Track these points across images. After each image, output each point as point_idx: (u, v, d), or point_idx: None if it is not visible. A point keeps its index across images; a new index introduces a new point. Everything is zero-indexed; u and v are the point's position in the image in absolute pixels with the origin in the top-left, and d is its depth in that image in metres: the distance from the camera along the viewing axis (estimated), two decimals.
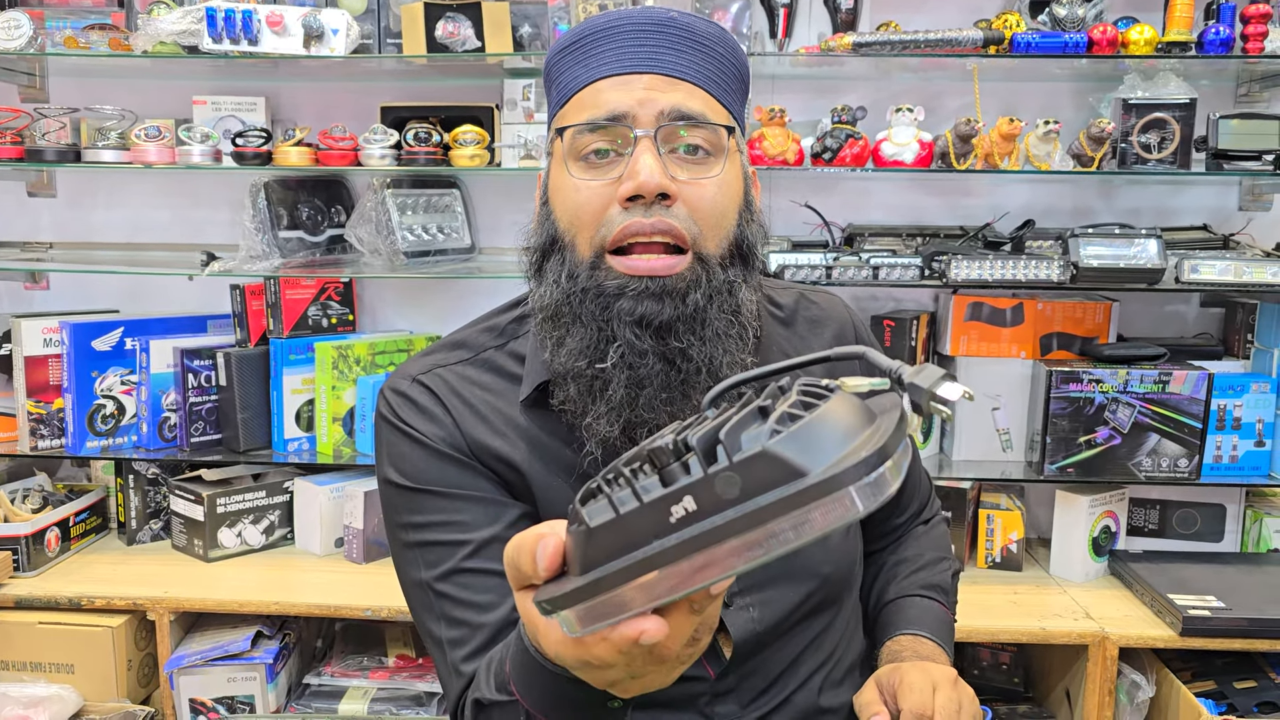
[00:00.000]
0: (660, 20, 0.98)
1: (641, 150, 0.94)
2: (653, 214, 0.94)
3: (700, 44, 0.99)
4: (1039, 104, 2.15)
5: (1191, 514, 2.12)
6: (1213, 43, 1.90)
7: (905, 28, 1.99)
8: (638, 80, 0.96)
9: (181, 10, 2.00)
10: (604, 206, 0.96)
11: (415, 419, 1.06)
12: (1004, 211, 2.17)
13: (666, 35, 0.98)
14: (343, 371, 2.15)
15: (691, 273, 0.95)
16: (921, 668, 1.06)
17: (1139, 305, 2.23)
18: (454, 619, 1.01)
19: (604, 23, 0.99)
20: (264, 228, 2.14)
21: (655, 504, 0.55)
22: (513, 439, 1.05)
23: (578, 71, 0.99)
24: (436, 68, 2.14)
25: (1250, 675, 1.85)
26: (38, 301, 2.37)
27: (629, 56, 0.97)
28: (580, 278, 0.97)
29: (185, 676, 1.87)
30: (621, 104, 0.95)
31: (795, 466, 0.51)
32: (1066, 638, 1.81)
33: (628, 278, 0.95)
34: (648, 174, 0.92)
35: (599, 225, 0.96)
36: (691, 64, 0.98)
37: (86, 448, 2.14)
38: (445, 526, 1.03)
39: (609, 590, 0.56)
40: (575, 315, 0.98)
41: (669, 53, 0.97)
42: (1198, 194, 2.22)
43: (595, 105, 0.97)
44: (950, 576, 1.28)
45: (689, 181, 0.96)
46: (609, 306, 0.95)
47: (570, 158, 0.98)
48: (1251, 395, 2.01)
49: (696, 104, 0.97)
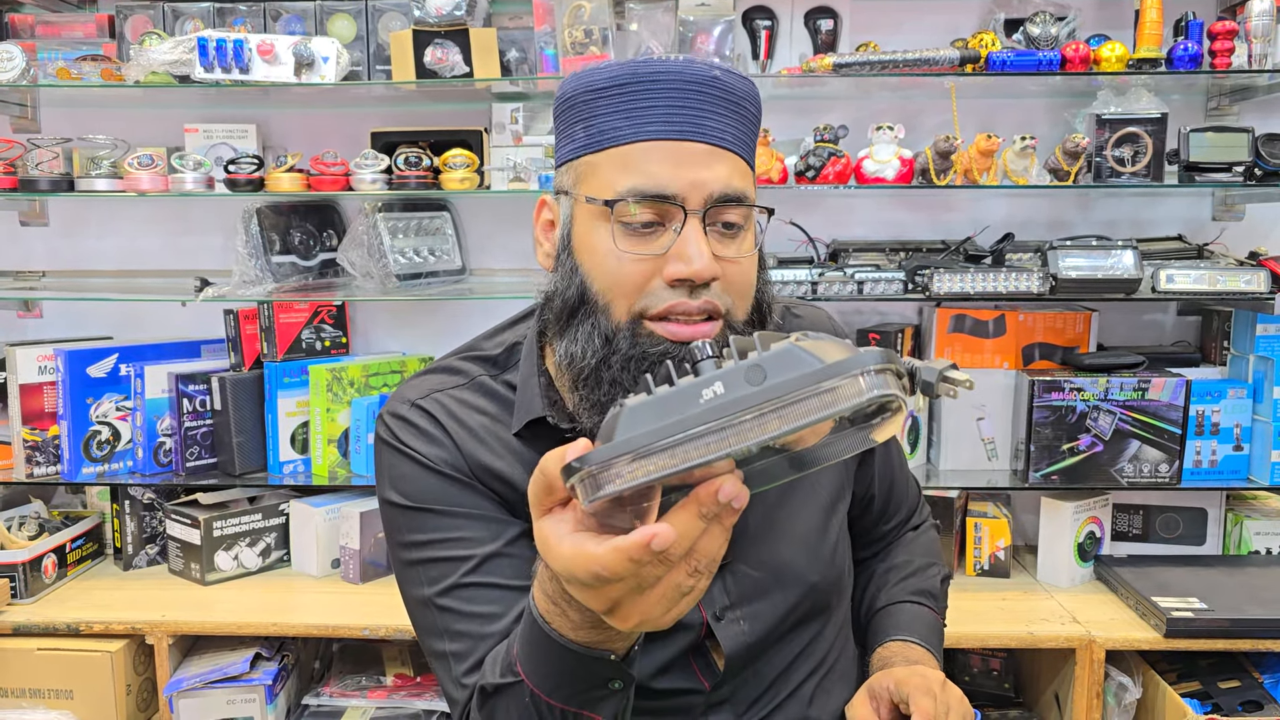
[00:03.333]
0: (704, 80, 0.97)
1: (691, 234, 0.95)
2: (698, 296, 0.96)
3: (739, 106, 1.00)
4: (1015, 120, 2.20)
5: (1174, 518, 2.16)
6: (1181, 59, 1.95)
7: (884, 48, 2.04)
8: (685, 150, 0.96)
9: (173, 40, 2.03)
10: (647, 279, 0.97)
11: (415, 441, 1.08)
12: (984, 225, 2.22)
13: (710, 98, 0.98)
14: (337, 394, 2.17)
15: (722, 338, 0.97)
16: (913, 670, 1.09)
17: (1118, 315, 2.28)
18: (457, 633, 1.03)
19: (648, 73, 0.97)
20: (257, 253, 2.16)
21: (688, 388, 0.61)
22: (510, 460, 1.08)
23: (618, 122, 0.98)
24: (425, 93, 2.18)
25: (1234, 675, 1.88)
26: (31, 330, 2.39)
27: (677, 119, 0.96)
28: (620, 343, 0.98)
29: (185, 700, 1.88)
30: (673, 182, 0.96)
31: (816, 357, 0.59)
32: (1054, 642, 1.84)
33: (669, 343, 0.97)
34: (703, 263, 0.94)
35: (641, 296, 0.97)
36: (732, 130, 0.99)
37: (82, 474, 2.15)
38: (446, 543, 1.05)
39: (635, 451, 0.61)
40: (615, 380, 0.99)
41: (714, 119, 0.98)
42: (1172, 205, 2.27)
43: (640, 172, 0.96)
44: (939, 582, 1.31)
45: (726, 259, 0.98)
46: (646, 370, 0.96)
47: (614, 222, 0.97)
48: (1229, 401, 2.06)
49: (738, 180, 0.98)
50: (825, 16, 2.15)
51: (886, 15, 2.20)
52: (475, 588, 1.03)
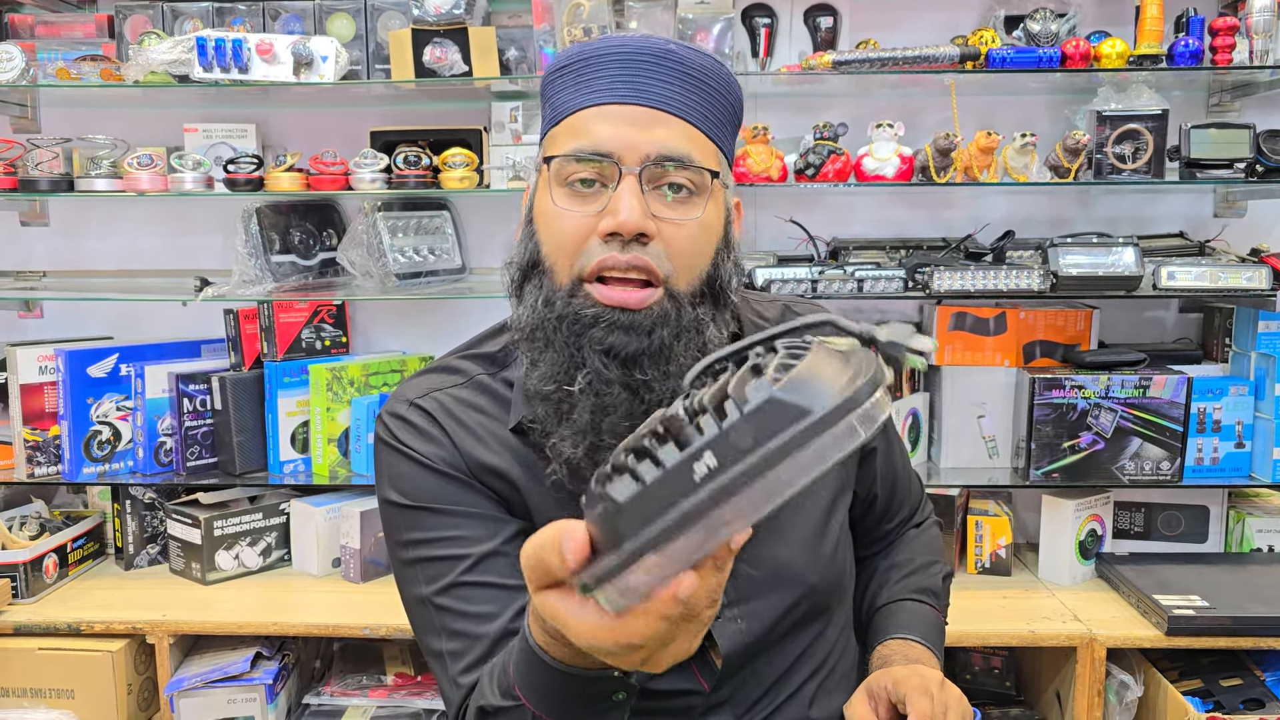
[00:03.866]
0: (656, 51, 0.99)
1: (624, 189, 0.96)
2: (629, 251, 0.96)
3: (695, 78, 1.00)
4: (1015, 117, 2.19)
5: (1175, 516, 2.16)
6: (1182, 55, 1.94)
7: (884, 45, 2.04)
8: (627, 112, 0.98)
9: (172, 40, 2.03)
10: (585, 236, 0.98)
11: (413, 440, 1.08)
12: (984, 223, 2.21)
13: (661, 67, 0.99)
14: (337, 393, 2.17)
15: (660, 308, 0.98)
16: (911, 669, 1.09)
17: (1119, 312, 2.28)
18: (454, 631, 1.03)
19: (599, 48, 1.00)
20: (256, 252, 2.16)
21: (678, 467, 0.58)
22: (508, 459, 1.08)
23: (569, 95, 1.01)
24: (425, 92, 2.18)
25: (1236, 673, 1.88)
26: (32, 330, 2.39)
27: (621, 86, 0.98)
28: (557, 304, 0.99)
29: (185, 699, 1.89)
30: (609, 140, 0.97)
31: (800, 407, 0.57)
32: (1055, 640, 1.84)
33: (602, 307, 0.97)
34: (627, 214, 0.95)
35: (579, 254, 0.98)
36: (683, 99, 0.99)
37: (83, 474, 2.15)
38: (444, 542, 1.05)
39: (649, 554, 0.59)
40: (548, 340, 1.00)
41: (661, 85, 0.98)
42: (1173, 202, 2.27)
43: (584, 134, 0.98)
44: (941, 579, 1.30)
45: (669, 221, 0.98)
46: (582, 334, 0.98)
47: (556, 183, 1.00)
48: (1230, 398, 2.05)
49: (683, 143, 0.98)
50: (825, 14, 2.15)
51: (886, 12, 2.19)
52: (472, 587, 1.03)
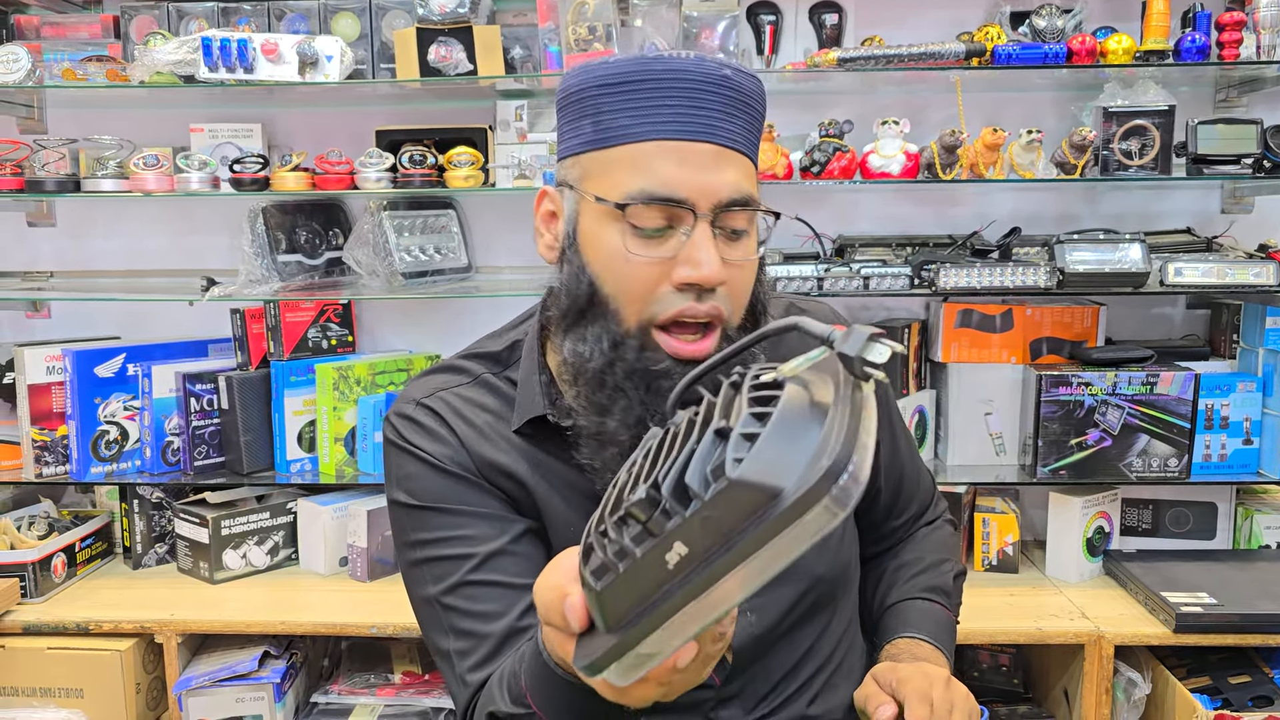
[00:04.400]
0: (716, 80, 0.96)
1: (702, 238, 0.94)
2: (705, 300, 0.96)
3: (747, 106, 0.98)
4: (1021, 114, 2.19)
5: (1183, 513, 2.15)
6: (1189, 50, 1.94)
7: (889, 42, 2.03)
8: (696, 151, 0.95)
9: (177, 40, 2.04)
10: (656, 283, 0.96)
11: (421, 440, 1.09)
12: (990, 220, 2.21)
13: (721, 97, 0.96)
14: (343, 392, 2.17)
15: (719, 351, 0.96)
16: (917, 667, 1.09)
17: (1126, 309, 2.27)
18: (461, 630, 1.04)
19: (660, 70, 0.95)
20: (263, 252, 2.17)
21: (648, 556, 0.58)
22: (514, 456, 1.08)
23: (625, 119, 0.96)
24: (430, 91, 2.18)
25: (1244, 670, 1.87)
26: (39, 330, 2.39)
27: (687, 119, 0.95)
28: (628, 355, 0.98)
29: (194, 698, 1.89)
30: (684, 184, 0.94)
31: (767, 488, 0.53)
32: (1063, 637, 1.84)
33: (673, 361, 0.97)
34: (712, 269, 0.94)
35: (650, 302, 0.97)
36: (741, 131, 0.98)
37: (91, 474, 2.16)
38: (451, 541, 1.06)
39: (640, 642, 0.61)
40: (619, 387, 0.99)
41: (724, 119, 0.96)
42: (1181, 198, 2.26)
43: (650, 172, 0.95)
44: (952, 578, 1.29)
45: (732, 264, 0.97)
46: (652, 385, 0.97)
47: (615, 220, 0.97)
48: (1238, 394, 2.05)
49: (745, 182, 0.97)
50: (830, 11, 2.14)
51: (891, 9, 2.19)
52: (479, 586, 1.04)
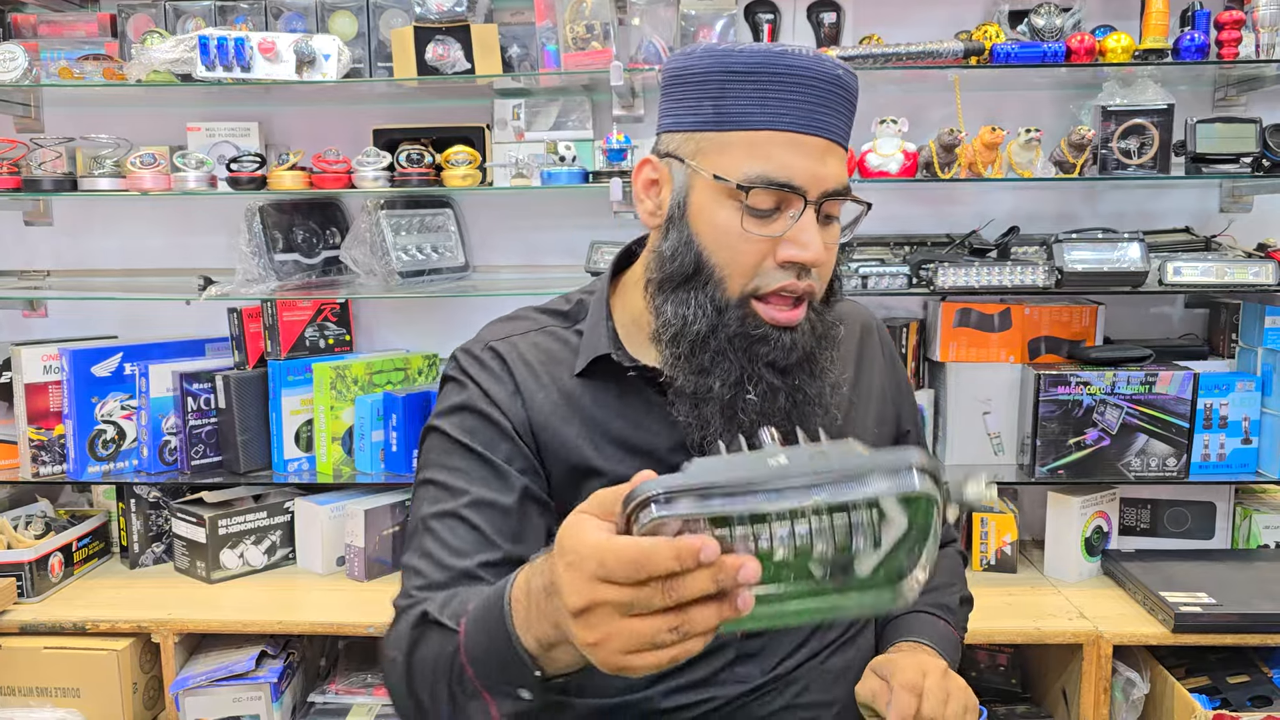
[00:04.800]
0: (829, 77, 1.05)
1: (809, 222, 1.04)
2: (805, 278, 1.06)
3: (851, 103, 1.08)
4: (1020, 113, 2.18)
5: (1182, 512, 2.15)
6: (1188, 49, 1.93)
7: (888, 41, 2.03)
8: (810, 144, 1.04)
9: (175, 39, 2.03)
10: (762, 258, 1.05)
11: (482, 377, 1.16)
12: (989, 219, 2.20)
13: (834, 94, 1.06)
14: (341, 391, 2.17)
15: (807, 321, 1.08)
16: (912, 657, 1.10)
17: (1125, 308, 2.27)
18: (428, 553, 1.10)
19: (785, 65, 1.03)
20: (260, 251, 2.16)
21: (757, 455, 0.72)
22: (563, 402, 1.15)
23: (748, 106, 1.04)
24: (427, 90, 2.17)
25: (1243, 670, 1.87)
26: (36, 329, 2.39)
27: (806, 113, 1.04)
28: (730, 321, 1.07)
29: (191, 698, 1.89)
30: (799, 172, 1.03)
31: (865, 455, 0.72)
32: (1061, 637, 1.83)
33: (769, 327, 1.06)
34: (816, 251, 1.04)
35: (755, 275, 1.06)
36: (844, 126, 1.08)
37: (88, 473, 2.15)
38: (459, 474, 1.13)
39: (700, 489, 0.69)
40: (720, 350, 1.07)
41: (835, 117, 1.06)
42: (1179, 197, 2.26)
43: (770, 159, 1.03)
44: (958, 601, 1.32)
45: (828, 245, 1.07)
46: (752, 350, 1.07)
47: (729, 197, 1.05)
48: (1237, 394, 2.04)
49: (844, 173, 1.07)
50: (828, 9, 2.14)
51: (890, 8, 2.19)
52: (461, 521, 1.10)
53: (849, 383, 1.25)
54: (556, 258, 2.31)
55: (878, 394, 1.29)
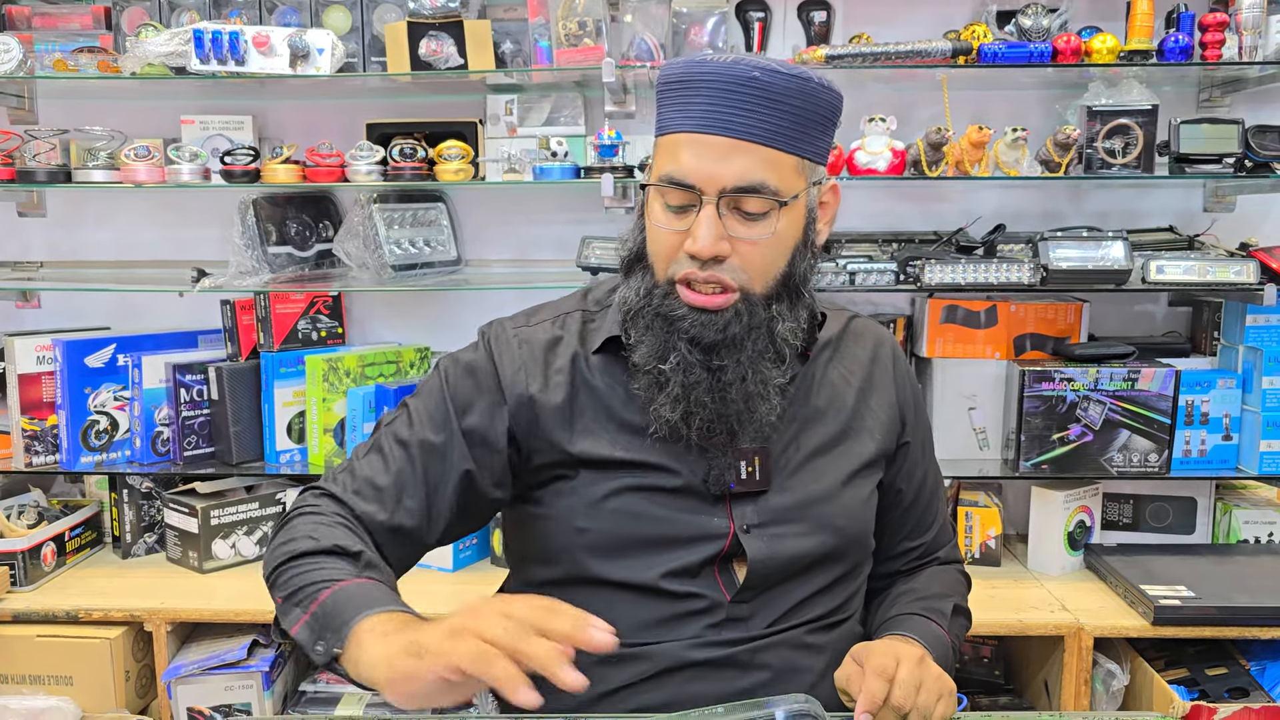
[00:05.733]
0: (741, 79, 1.10)
1: (703, 217, 1.11)
2: (707, 269, 1.13)
3: (777, 101, 1.11)
4: (1007, 112, 2.20)
5: (1163, 507, 2.18)
6: (1172, 50, 1.96)
7: (877, 40, 2.05)
8: (711, 143, 1.11)
9: (169, 32, 2.04)
10: (676, 249, 1.15)
11: (500, 350, 1.27)
12: (976, 216, 2.23)
13: (746, 95, 1.11)
14: (333, 384, 2.19)
15: (734, 310, 1.15)
16: (888, 643, 1.12)
17: (1109, 306, 2.29)
18: (360, 460, 1.24)
19: (697, 72, 1.13)
20: (253, 244, 2.17)
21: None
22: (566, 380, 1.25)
23: (670, 113, 1.16)
24: (420, 85, 2.19)
25: (1221, 662, 1.90)
26: (29, 320, 2.40)
27: (710, 114, 1.11)
28: (655, 299, 1.18)
29: (183, 686, 1.90)
30: (693, 171, 1.12)
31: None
32: (1043, 629, 1.86)
33: (688, 308, 1.15)
34: (701, 243, 1.11)
35: (671, 263, 1.16)
36: (764, 125, 1.11)
37: (81, 463, 2.17)
38: (433, 418, 1.24)
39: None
40: (648, 325, 1.19)
41: (745, 115, 1.11)
42: (1164, 196, 2.29)
43: (675, 159, 1.13)
44: (952, 609, 1.34)
45: (744, 240, 1.13)
46: (672, 327, 1.16)
47: (657, 197, 1.16)
48: (1218, 391, 2.07)
49: (759, 171, 1.11)
50: (818, 8, 2.16)
51: (879, 7, 2.21)
52: (403, 451, 1.22)
53: (855, 392, 1.32)
54: (548, 252, 2.33)
55: (885, 406, 1.33)
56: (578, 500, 1.22)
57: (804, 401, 1.28)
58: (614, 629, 0.90)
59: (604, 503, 1.21)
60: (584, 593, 1.21)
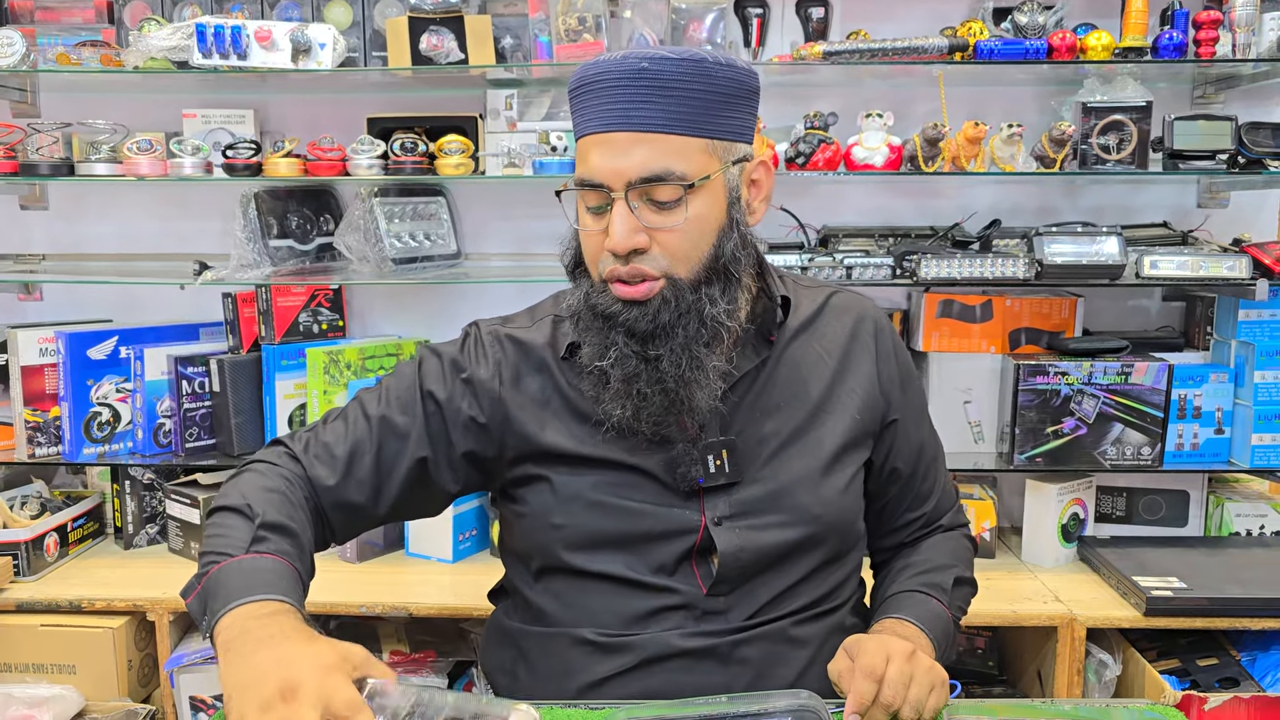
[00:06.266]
0: (630, 72, 1.13)
1: (615, 214, 1.14)
2: (628, 263, 1.16)
3: (669, 88, 1.13)
4: (1002, 108, 2.22)
5: (1156, 500, 2.20)
6: (1167, 48, 1.98)
7: (874, 36, 2.07)
8: (611, 140, 1.14)
9: (172, 27, 2.06)
10: (599, 249, 1.18)
11: (472, 351, 1.31)
12: (971, 212, 2.25)
13: (637, 87, 1.13)
14: (334, 376, 2.20)
15: (662, 296, 1.17)
16: (879, 638, 1.12)
17: (1104, 300, 2.32)
18: (332, 428, 1.27)
19: (591, 74, 1.16)
20: (255, 237, 2.19)
21: None
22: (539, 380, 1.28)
23: (579, 118, 1.19)
24: (421, 79, 2.20)
25: (1212, 653, 1.92)
26: (31, 313, 2.41)
27: (606, 113, 1.14)
28: (592, 299, 1.20)
29: (185, 675, 1.92)
30: (599, 170, 1.15)
31: None
32: (1037, 620, 1.88)
33: (620, 303, 1.17)
34: (619, 239, 1.14)
35: (598, 263, 1.19)
36: (660, 113, 1.13)
37: (83, 455, 2.18)
38: (400, 401, 1.28)
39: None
40: (588, 325, 1.21)
41: (639, 106, 1.13)
42: (1158, 192, 2.31)
43: (584, 162, 1.17)
44: (953, 581, 1.34)
45: (660, 228, 1.15)
46: (608, 321, 1.18)
47: (582, 203, 1.20)
48: (1211, 385, 2.09)
49: (662, 159, 1.13)
50: (816, 4, 2.17)
51: (877, 4, 2.23)
52: (366, 424, 1.27)
53: (831, 371, 1.30)
54: (547, 246, 2.32)
55: (864, 382, 1.31)
56: (552, 498, 1.25)
57: (773, 388, 1.28)
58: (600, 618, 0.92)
59: (576, 500, 1.24)
60: (566, 583, 1.27)
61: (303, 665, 0.91)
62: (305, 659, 0.92)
